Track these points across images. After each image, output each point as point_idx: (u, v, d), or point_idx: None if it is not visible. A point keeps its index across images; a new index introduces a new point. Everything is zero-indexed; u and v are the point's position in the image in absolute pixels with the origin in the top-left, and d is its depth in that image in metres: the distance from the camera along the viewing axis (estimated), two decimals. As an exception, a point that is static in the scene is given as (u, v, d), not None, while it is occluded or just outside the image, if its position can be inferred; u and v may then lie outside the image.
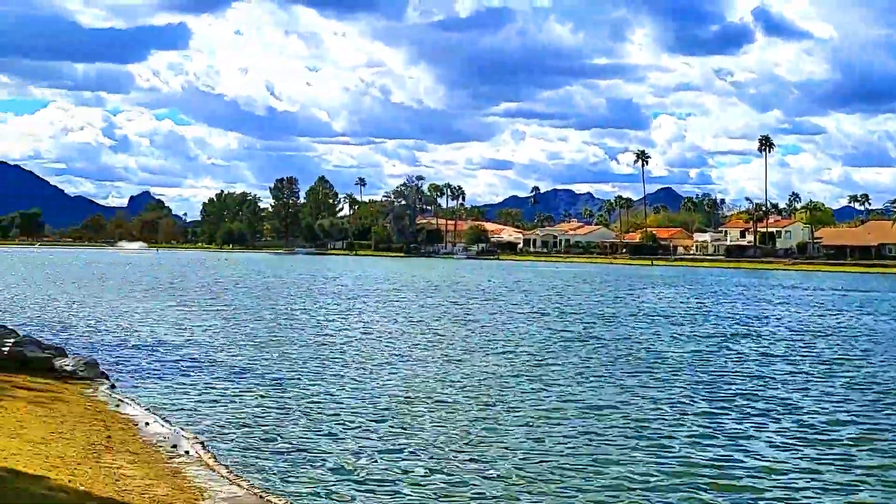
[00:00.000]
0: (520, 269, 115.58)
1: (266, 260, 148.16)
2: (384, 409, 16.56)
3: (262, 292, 53.44)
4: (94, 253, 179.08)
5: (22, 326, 27.55)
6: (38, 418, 12.01)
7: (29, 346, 17.36)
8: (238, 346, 25.32)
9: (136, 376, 19.19)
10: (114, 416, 13.40)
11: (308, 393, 18.06)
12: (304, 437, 13.97)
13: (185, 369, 20.61)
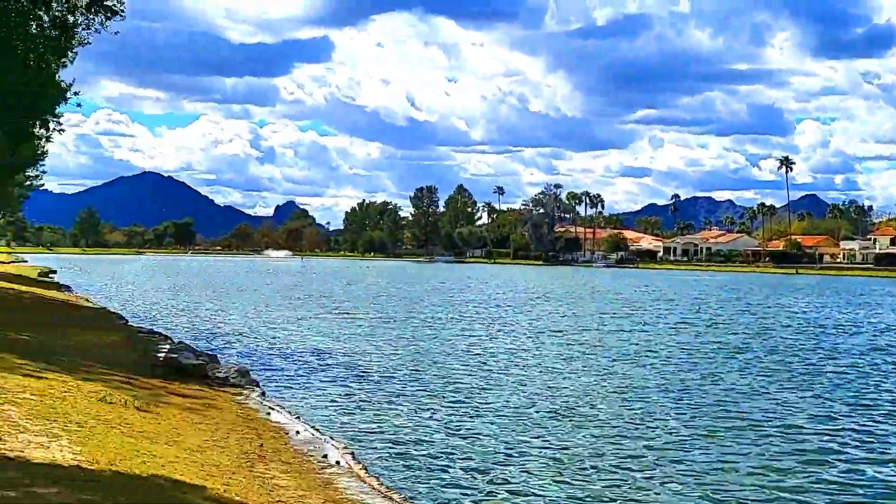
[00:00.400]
0: (661, 278, 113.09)
1: (406, 268, 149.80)
2: (530, 420, 16.18)
3: (406, 300, 53.81)
4: (242, 261, 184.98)
5: (175, 333, 28.43)
6: (193, 425, 12.15)
7: (183, 353, 17.75)
8: (384, 355, 25.37)
9: (285, 384, 19.41)
10: (265, 423, 13.47)
11: (454, 402, 17.85)
12: (452, 449, 13.73)
13: (332, 377, 20.74)
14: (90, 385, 13.58)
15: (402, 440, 14.27)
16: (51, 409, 10.63)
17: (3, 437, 8.64)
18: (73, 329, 23.89)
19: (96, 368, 16.15)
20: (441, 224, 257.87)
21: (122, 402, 12.20)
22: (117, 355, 19.39)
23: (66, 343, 19.82)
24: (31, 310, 28.08)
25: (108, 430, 10.27)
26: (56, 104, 33.88)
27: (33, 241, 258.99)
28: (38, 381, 12.72)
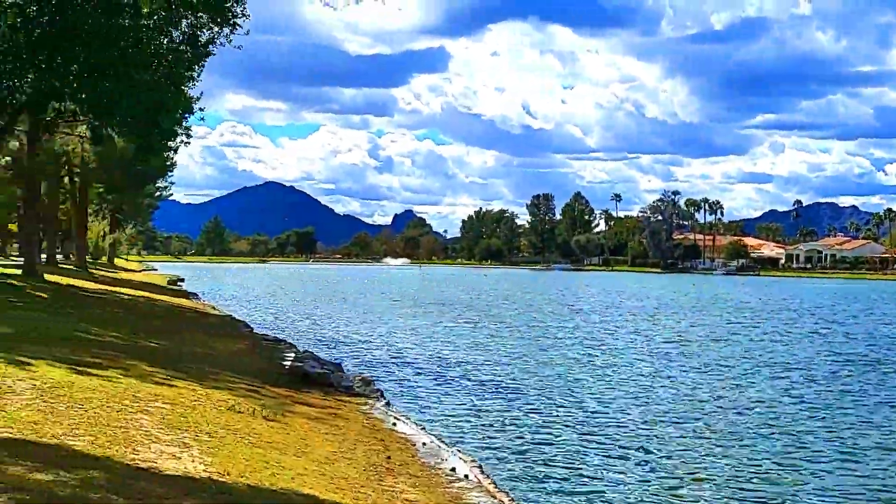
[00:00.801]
0: (784, 285, 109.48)
1: (524, 276, 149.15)
2: (663, 435, 15.56)
3: (526, 308, 53.38)
4: (362, 269, 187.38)
5: (298, 340, 28.70)
6: (320, 435, 12.04)
7: (309, 361, 17.78)
8: (507, 364, 25.02)
9: (408, 393, 19.25)
10: (391, 434, 13.28)
11: (581, 414, 17.35)
12: (583, 464, 13.28)
13: (455, 386, 20.50)
14: (219, 393, 13.65)
15: (530, 453, 13.88)
16: (181, 419, 10.65)
17: (136, 448, 8.63)
18: (200, 336, 24.34)
19: (224, 376, 16.29)
20: (558, 231, 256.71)
21: (250, 411, 12.18)
22: (243, 363, 19.59)
23: (194, 350, 20.15)
24: (161, 317, 28.80)
25: (237, 440, 10.21)
26: (184, 117, 34.86)
27: (162, 250, 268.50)
28: (169, 390, 12.83)
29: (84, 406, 10.07)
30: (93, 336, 18.58)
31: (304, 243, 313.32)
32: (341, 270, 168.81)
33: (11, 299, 23.59)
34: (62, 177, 57.29)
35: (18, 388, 10.38)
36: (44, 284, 32.56)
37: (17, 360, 12.49)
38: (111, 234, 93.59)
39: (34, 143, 36.84)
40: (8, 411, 9.00)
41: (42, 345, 15.17)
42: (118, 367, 14.24)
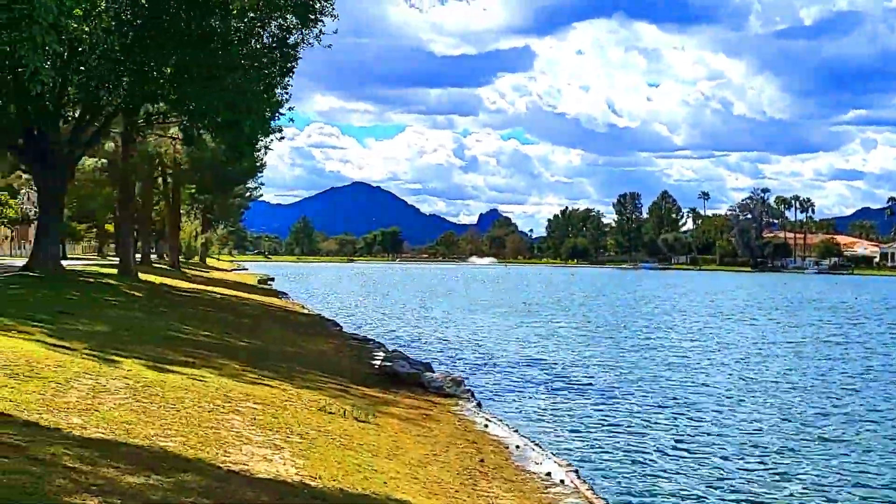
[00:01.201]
0: (881, 284, 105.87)
1: (611, 275, 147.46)
2: (753, 440, 14.94)
3: (615, 308, 52.58)
4: (448, 268, 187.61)
5: (385, 340, 28.60)
6: (412, 437, 11.80)
7: (398, 361, 17.59)
8: (597, 366, 24.51)
9: (498, 394, 18.93)
10: (483, 437, 12.96)
11: (676, 418, 16.80)
12: (679, 470, 12.78)
13: (545, 388, 20.10)
14: (309, 393, 13.53)
15: (624, 458, 13.44)
16: (273, 419, 10.51)
17: (227, 449, 8.48)
18: (290, 335, 24.42)
19: (313, 376, 16.20)
20: (644, 230, 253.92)
21: (341, 412, 12.01)
22: (333, 362, 19.52)
23: (284, 349, 20.16)
24: (251, 316, 29.04)
25: (328, 441, 10.03)
26: (273, 118, 35.09)
27: (252, 250, 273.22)
28: (260, 389, 12.74)
29: (176, 406, 10.00)
30: (185, 335, 18.72)
31: (390, 243, 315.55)
32: (428, 270, 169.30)
33: (108, 298, 24.01)
34: (156, 178, 58.49)
35: (112, 387, 10.37)
36: (139, 283, 33.18)
37: (112, 359, 12.54)
38: (203, 234, 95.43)
39: (128, 145, 37.62)
40: (102, 411, 8.96)
41: (136, 343, 15.28)
42: (210, 366, 14.24)
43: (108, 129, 33.73)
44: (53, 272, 28.60)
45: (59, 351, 12.30)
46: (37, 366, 10.53)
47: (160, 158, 51.52)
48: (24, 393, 8.95)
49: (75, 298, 21.73)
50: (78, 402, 9.11)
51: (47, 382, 9.75)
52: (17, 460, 6.48)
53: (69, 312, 17.42)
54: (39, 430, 7.59)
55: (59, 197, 30.11)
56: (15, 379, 9.58)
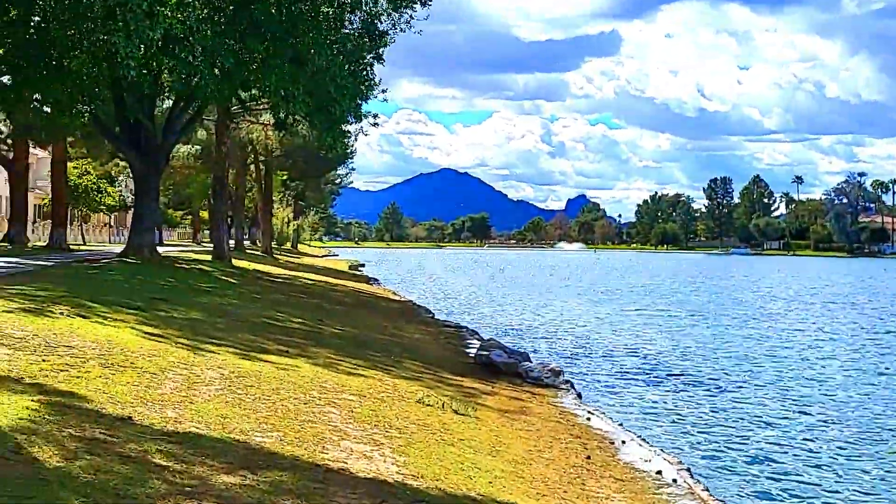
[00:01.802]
0: None
1: (703, 261, 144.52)
2: (874, 438, 14.01)
3: (711, 295, 51.18)
4: (536, 254, 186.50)
5: (478, 327, 28.13)
6: (513, 431, 11.28)
7: (495, 350, 17.08)
8: (698, 355, 23.62)
9: (597, 385, 18.27)
10: (587, 431, 12.36)
11: (791, 413, 15.93)
12: (801, 470, 12.00)
13: (646, 379, 19.37)
14: (405, 384, 13.12)
15: (737, 455, 12.70)
16: (370, 412, 10.11)
17: (325, 446, 8.09)
18: (383, 323, 24.13)
19: (408, 365, 15.81)
20: (736, 215, 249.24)
21: (439, 404, 11.55)
22: (427, 351, 19.13)
23: (377, 337, 19.85)
24: (343, 303, 28.89)
25: (428, 436, 9.58)
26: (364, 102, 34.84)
27: (342, 236, 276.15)
28: (356, 380, 12.38)
29: (271, 398, 9.67)
30: (279, 322, 18.54)
31: (478, 229, 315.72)
32: (516, 255, 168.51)
33: (202, 284, 24.06)
34: (248, 164, 59.10)
35: (207, 377, 10.10)
36: (232, 269, 33.37)
37: (206, 348, 12.33)
38: (295, 221, 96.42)
39: (222, 132, 37.86)
40: (196, 403, 8.66)
41: (230, 331, 15.10)
42: (304, 355, 13.96)
43: (201, 117, 33.93)
44: (149, 258, 28.88)
45: (154, 340, 12.12)
46: (131, 355, 10.32)
47: (253, 145, 51.94)
48: (118, 384, 8.70)
49: (170, 285, 21.78)
50: (172, 394, 8.83)
51: (141, 373, 9.52)
52: (108, 458, 6.17)
53: (164, 299, 17.36)
54: (132, 425, 7.30)
55: (154, 184, 30.38)
56: (110, 369, 9.36)
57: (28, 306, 12.73)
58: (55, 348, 9.79)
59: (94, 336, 11.13)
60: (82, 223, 69.57)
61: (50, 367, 8.84)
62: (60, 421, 6.89)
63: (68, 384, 8.29)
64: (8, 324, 10.73)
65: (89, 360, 9.59)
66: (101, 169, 64.55)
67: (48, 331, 10.74)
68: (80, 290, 16.56)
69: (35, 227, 60.14)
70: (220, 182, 39.59)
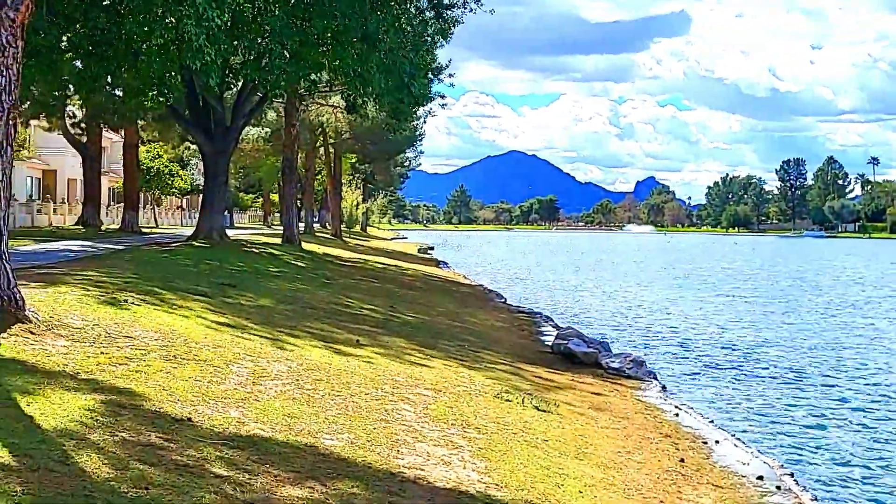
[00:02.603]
0: None
1: (776, 243, 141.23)
2: None
3: (790, 281, 49.47)
4: (605, 236, 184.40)
5: (551, 313, 27.32)
6: (599, 430, 10.51)
7: (573, 339, 16.28)
8: (785, 345, 22.46)
9: (679, 376, 17.31)
10: (676, 429, 11.51)
11: (886, 412, 14.86)
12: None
13: (732, 370, 18.35)
14: (481, 376, 12.43)
15: (841, 460, 11.74)
16: (447, 409, 9.44)
17: (399, 449, 7.43)
18: (454, 308, 23.48)
19: (483, 355, 15.13)
20: (809, 197, 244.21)
21: (518, 399, 10.83)
22: (501, 339, 18.42)
23: (450, 324, 19.20)
24: (413, 288, 28.28)
25: (509, 436, 8.86)
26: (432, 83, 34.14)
27: (411, 219, 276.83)
28: (430, 372, 11.73)
29: (341, 393, 9.06)
30: (349, 308, 17.99)
31: (546, 211, 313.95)
32: (585, 238, 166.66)
33: (271, 268, 23.67)
34: (318, 147, 58.88)
35: (274, 370, 9.52)
36: (301, 253, 33.03)
37: (274, 338, 11.79)
38: (364, 204, 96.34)
39: (291, 115, 37.51)
40: (262, 400, 8.07)
41: (299, 319, 14.57)
42: (376, 344, 13.36)
43: (271, 100, 33.58)
44: (218, 242, 28.64)
45: (220, 329, 11.62)
46: (195, 346, 9.79)
47: (322, 128, 51.64)
48: (179, 379, 8.15)
49: (238, 269, 21.40)
50: (236, 390, 8.26)
51: (205, 366, 8.97)
52: (163, 468, 5.57)
53: (232, 285, 16.92)
54: (191, 427, 6.72)
55: (223, 166, 30.13)
56: (171, 362, 8.83)
57: (94, 293, 12.32)
58: (116, 339, 9.30)
59: (158, 325, 10.65)
60: (155, 206, 70.25)
61: (108, 360, 8.33)
62: (114, 424, 6.34)
63: (126, 380, 7.76)
64: (70, 312, 10.29)
65: (151, 352, 9.08)
66: (172, 152, 65.00)
67: (110, 320, 10.28)
68: (149, 276, 16.19)
69: (109, 210, 60.82)
70: (290, 165, 39.28)
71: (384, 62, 25.53)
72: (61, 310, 10.28)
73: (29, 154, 59.49)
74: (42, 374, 7.34)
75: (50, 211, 51.54)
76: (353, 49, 25.09)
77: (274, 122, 48.69)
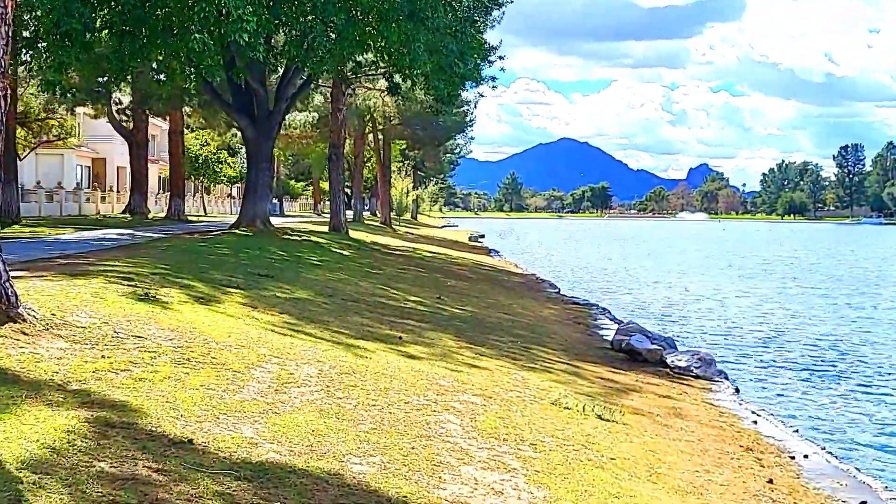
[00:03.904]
0: None
1: (836, 231, 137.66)
2: None
3: (860, 271, 47.27)
4: (659, 224, 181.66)
5: (608, 304, 25.99)
6: (670, 443, 9.23)
7: (635, 335, 14.97)
8: (862, 343, 20.82)
9: (752, 376, 15.85)
10: (757, 439, 10.18)
11: None
12: None
13: (808, 370, 16.85)
14: (535, 377, 11.22)
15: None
16: (497, 420, 8.24)
17: (441, 475, 6.26)
18: (505, 300, 22.26)
19: (537, 351, 13.91)
20: (867, 184, 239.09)
21: (579, 406, 9.59)
22: (556, 333, 17.16)
23: (501, 317, 17.97)
24: (463, 278, 27.09)
25: (570, 455, 7.63)
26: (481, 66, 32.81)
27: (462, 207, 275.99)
28: (479, 373, 10.54)
29: (377, 403, 7.90)
30: (393, 300, 16.86)
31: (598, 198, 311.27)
32: (638, 226, 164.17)
33: (313, 258, 22.63)
34: (367, 133, 57.90)
35: (302, 375, 8.41)
36: (348, 242, 32.02)
37: (307, 335, 10.69)
38: (414, 191, 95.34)
39: (337, 99, 36.46)
40: (283, 414, 6.94)
41: (338, 313, 13.46)
42: (420, 341, 12.21)
43: (315, 82, 32.53)
44: (262, 230, 27.72)
45: (249, 324, 10.55)
46: (214, 347, 8.72)
47: (370, 113, 50.59)
48: (188, 389, 7.06)
49: (279, 259, 20.37)
50: (254, 401, 7.14)
51: (222, 371, 7.88)
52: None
53: (269, 276, 15.88)
54: (192, 451, 5.60)
55: (266, 151, 29.18)
56: (184, 366, 7.76)
57: (115, 286, 11.33)
58: (123, 340, 8.25)
59: (178, 322, 9.60)
60: (203, 194, 69.90)
61: (109, 365, 7.27)
62: (95, 450, 5.24)
63: (125, 390, 6.68)
64: (80, 308, 9.28)
65: (161, 354, 8.01)
66: (219, 139, 64.50)
67: (124, 317, 9.25)
68: (180, 266, 15.22)
69: (158, 198, 60.46)
70: (336, 151, 38.27)
71: (431, 40, 24.37)
72: (70, 305, 9.28)
73: (78, 142, 59.34)
74: (24, 385, 6.29)
75: (97, 199, 51.20)
76: (399, 27, 23.95)
77: (321, 106, 47.74)
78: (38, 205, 43.51)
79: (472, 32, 27.80)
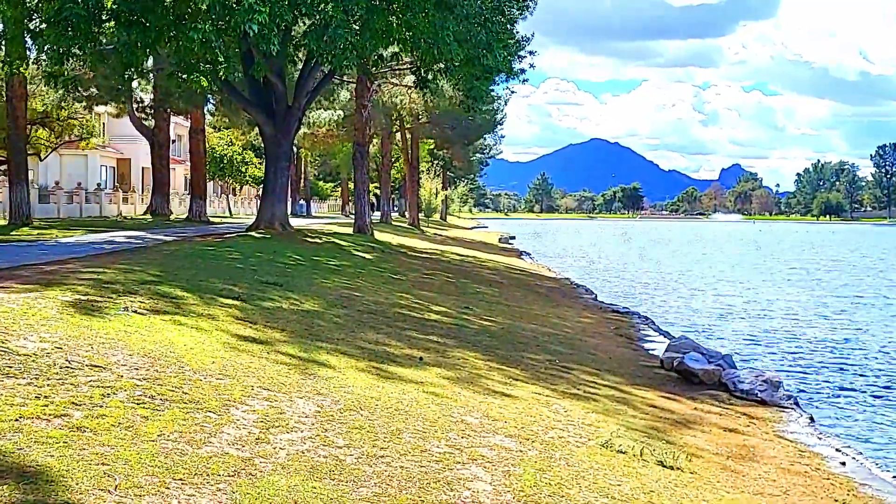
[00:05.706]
0: None
1: (876, 233, 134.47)
2: None
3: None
4: (692, 225, 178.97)
5: (650, 313, 24.24)
6: (751, 499, 7.49)
7: (689, 353, 13.21)
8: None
9: (824, 402, 13.96)
10: (852, 491, 8.40)
11: None
12: None
13: (880, 392, 15.01)
14: (579, 407, 9.54)
15: None
16: (536, 474, 6.55)
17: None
18: (538, 308, 20.55)
19: (577, 372, 12.20)
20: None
21: (635, 450, 7.88)
22: (597, 348, 15.41)
23: (534, 330, 16.25)
24: (493, 283, 25.36)
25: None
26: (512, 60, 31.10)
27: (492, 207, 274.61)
28: (511, 404, 8.87)
29: (386, 453, 6.26)
30: (414, 311, 15.20)
31: (630, 199, 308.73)
32: (671, 227, 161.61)
33: (332, 262, 21.04)
34: (394, 132, 56.38)
35: (294, 414, 6.79)
36: (371, 244, 30.44)
37: (308, 359, 9.07)
38: (443, 192, 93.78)
39: (362, 95, 34.91)
40: (258, 479, 5.31)
41: (350, 328, 11.82)
42: (444, 363, 10.55)
43: (338, 75, 30.96)
44: (280, 232, 26.23)
45: (239, 348, 8.94)
46: (191, 378, 7.12)
47: (397, 110, 49.02)
48: (140, 441, 5.45)
49: (293, 264, 18.79)
50: (224, 459, 5.52)
51: (193, 412, 6.28)
52: None
53: (278, 284, 14.29)
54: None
55: (285, 149, 27.67)
56: (143, 407, 6.16)
57: (89, 298, 9.80)
58: (74, 372, 6.67)
59: (153, 344, 8.03)
60: (228, 195, 68.72)
61: (41, 410, 5.68)
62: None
63: (51, 447, 5.08)
64: (31, 329, 7.73)
65: (118, 391, 6.42)
66: (243, 139, 63.28)
67: (85, 339, 7.68)
68: (177, 273, 13.68)
69: (182, 198, 59.26)
70: (361, 150, 36.75)
71: (458, 31, 22.75)
72: (21, 325, 7.73)
73: (102, 142, 58.32)
74: None
75: (119, 200, 50.02)
76: (426, 16, 22.35)
77: (347, 103, 46.22)
78: (57, 206, 42.37)
79: (501, 21, 26.17)
